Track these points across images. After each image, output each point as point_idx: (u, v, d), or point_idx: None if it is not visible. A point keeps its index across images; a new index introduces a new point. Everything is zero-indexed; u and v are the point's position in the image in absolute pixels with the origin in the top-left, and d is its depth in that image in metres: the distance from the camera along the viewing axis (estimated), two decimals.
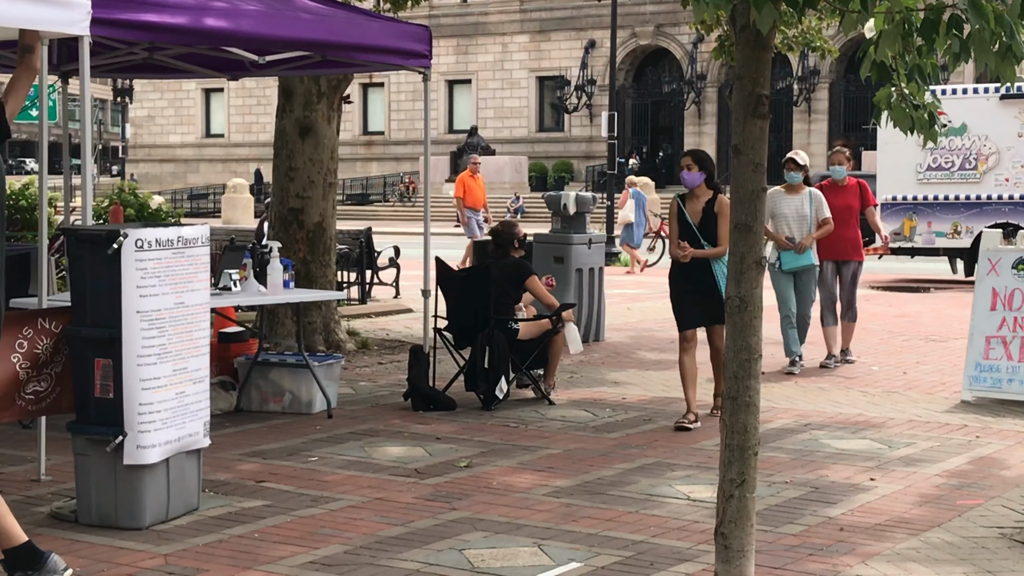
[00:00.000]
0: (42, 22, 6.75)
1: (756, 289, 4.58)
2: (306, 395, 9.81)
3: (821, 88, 53.48)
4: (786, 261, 11.85)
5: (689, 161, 9.38)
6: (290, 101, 12.85)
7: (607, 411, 9.98)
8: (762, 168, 4.54)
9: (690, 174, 9.35)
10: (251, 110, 64.30)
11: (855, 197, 12.60)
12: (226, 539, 6.34)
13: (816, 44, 18.83)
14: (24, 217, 15.68)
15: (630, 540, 6.36)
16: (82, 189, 7.29)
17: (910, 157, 21.81)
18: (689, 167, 9.34)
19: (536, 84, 59.71)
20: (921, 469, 8.05)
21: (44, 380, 6.72)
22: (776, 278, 11.93)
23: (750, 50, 4.44)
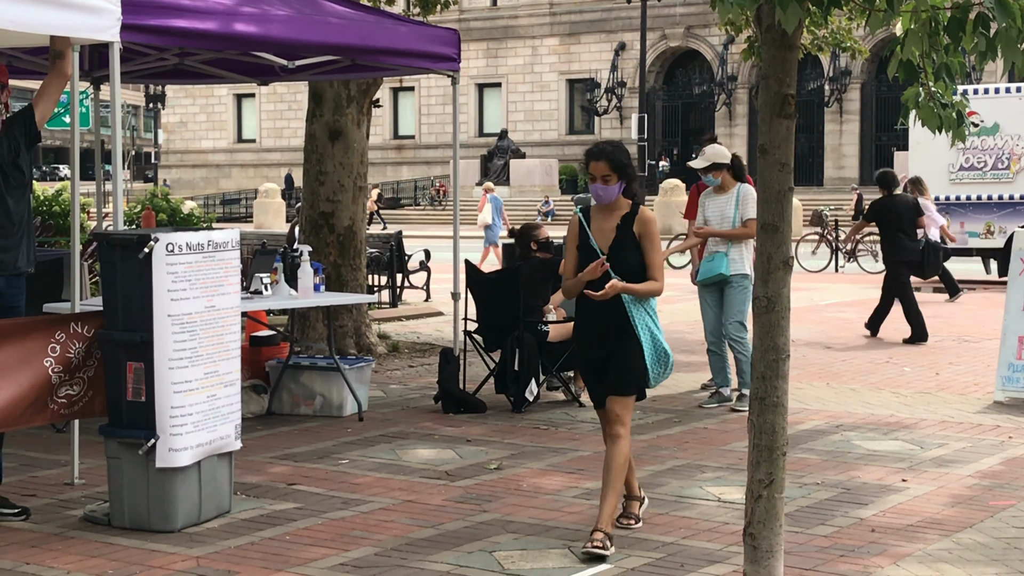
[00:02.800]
0: (72, 28, 6.81)
1: (784, 289, 4.57)
2: (337, 398, 9.85)
3: (852, 88, 53.29)
4: (700, 271, 10.39)
5: (605, 169, 6.45)
6: (320, 106, 12.90)
7: (637, 413, 9.96)
8: (789, 168, 4.54)
9: (606, 188, 6.46)
10: (282, 115, 64.53)
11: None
12: (258, 541, 6.37)
13: (846, 44, 18.77)
14: (57, 223, 15.78)
15: (660, 542, 6.36)
16: (113, 194, 7.33)
17: (942, 157, 21.70)
18: (606, 178, 6.45)
19: (566, 87, 59.72)
20: (953, 470, 8.01)
21: (76, 384, 6.77)
22: (699, 295, 10.53)
23: (776, 50, 4.44)
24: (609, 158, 6.48)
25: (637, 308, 6.42)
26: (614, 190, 6.48)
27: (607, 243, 6.46)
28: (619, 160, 6.49)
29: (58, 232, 15.24)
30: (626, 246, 6.45)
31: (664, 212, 34.49)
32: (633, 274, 6.40)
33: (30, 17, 6.52)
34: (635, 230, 6.47)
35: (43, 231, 14.82)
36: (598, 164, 6.47)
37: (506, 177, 53.97)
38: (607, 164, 6.46)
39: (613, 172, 6.47)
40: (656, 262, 6.44)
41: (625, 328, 6.40)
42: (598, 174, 6.48)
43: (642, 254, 6.44)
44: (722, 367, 10.32)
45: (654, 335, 6.39)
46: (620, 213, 6.51)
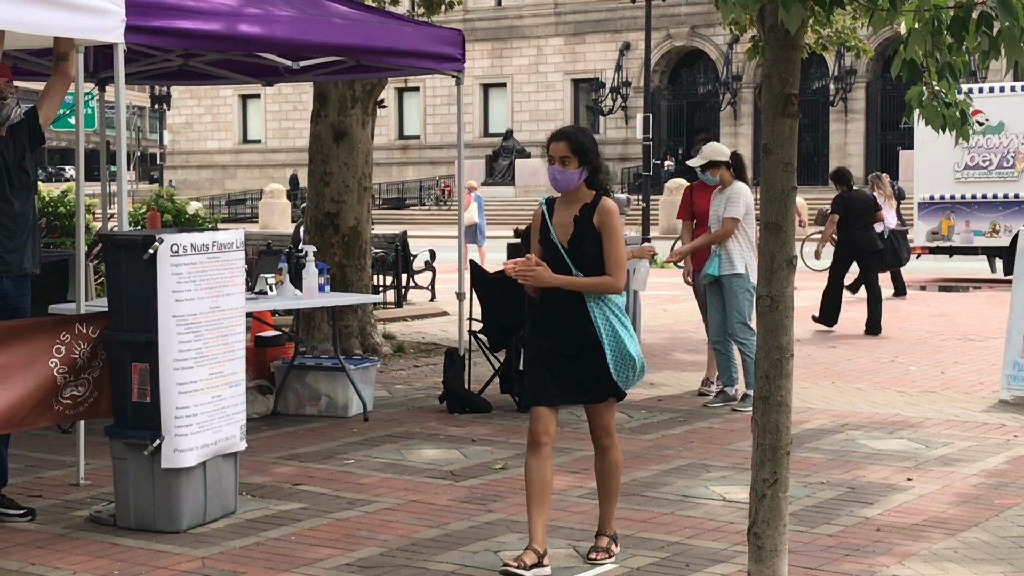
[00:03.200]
0: (76, 29, 6.82)
1: (787, 288, 4.57)
2: (342, 398, 9.85)
3: (858, 88, 53.23)
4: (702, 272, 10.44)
5: (564, 150, 5.93)
6: (325, 106, 12.91)
7: (642, 413, 9.97)
8: (792, 167, 4.54)
9: (563, 172, 5.95)
10: (287, 116, 64.55)
11: None
12: (263, 542, 6.38)
13: (851, 44, 18.75)
14: (63, 224, 15.80)
15: (665, 541, 6.36)
16: (118, 195, 7.35)
17: (947, 156, 21.69)
18: (564, 160, 5.94)
19: (571, 87, 59.70)
20: (959, 469, 8.00)
21: (82, 384, 6.78)
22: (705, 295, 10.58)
23: (779, 49, 4.44)
24: (570, 139, 5.94)
25: (600, 308, 5.90)
26: (573, 176, 5.93)
27: (566, 236, 5.94)
28: (581, 142, 5.94)
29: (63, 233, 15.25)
30: (585, 239, 5.91)
31: (670, 212, 34.47)
32: (595, 270, 5.90)
33: (34, 19, 6.53)
34: (595, 221, 5.92)
35: (48, 232, 14.83)
36: (557, 145, 5.94)
37: (511, 177, 53.97)
38: (567, 145, 5.92)
39: (573, 155, 5.92)
40: (613, 256, 5.88)
41: (587, 330, 5.88)
42: (556, 155, 5.93)
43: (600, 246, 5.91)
44: (727, 366, 10.31)
45: (618, 338, 5.85)
46: (581, 204, 5.98)
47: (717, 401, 10.25)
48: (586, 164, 5.94)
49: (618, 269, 5.90)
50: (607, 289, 5.88)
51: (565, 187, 5.97)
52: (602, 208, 5.93)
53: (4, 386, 6.43)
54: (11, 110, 6.84)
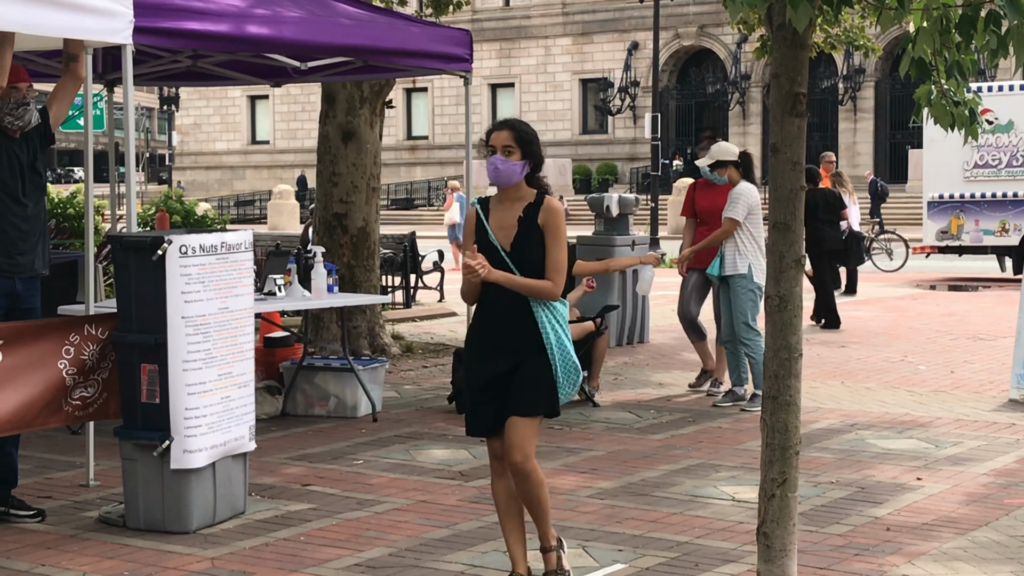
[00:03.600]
0: (85, 31, 6.83)
1: (796, 288, 4.56)
2: (351, 399, 9.86)
3: (867, 87, 53.18)
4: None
5: (507, 139, 5.49)
6: (333, 107, 12.92)
7: (651, 413, 9.97)
8: (800, 166, 4.53)
9: (505, 162, 5.49)
10: (296, 116, 64.61)
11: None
12: (272, 542, 6.39)
13: (860, 43, 18.74)
14: (72, 225, 15.82)
15: (675, 541, 6.36)
16: (127, 196, 7.36)
17: (956, 155, 21.64)
18: (507, 150, 5.49)
19: (579, 86, 59.68)
20: (968, 468, 7.99)
21: (91, 386, 6.79)
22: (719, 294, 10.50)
23: (787, 48, 4.44)
24: (513, 128, 5.53)
25: (546, 314, 5.49)
26: (516, 168, 5.47)
27: (508, 239, 5.48)
28: (525, 133, 5.52)
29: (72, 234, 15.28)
30: (529, 241, 5.47)
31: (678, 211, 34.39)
32: (539, 274, 5.47)
33: (43, 20, 6.54)
34: (540, 222, 5.49)
35: (57, 233, 14.86)
36: (499, 133, 5.50)
37: None
38: (510, 134, 5.49)
39: (516, 145, 5.48)
40: (556, 260, 5.46)
41: (533, 338, 5.46)
42: (498, 144, 5.48)
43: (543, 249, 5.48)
44: (736, 365, 10.30)
45: (564, 346, 5.49)
46: (523, 203, 5.52)
47: (726, 400, 10.25)
48: (529, 157, 5.51)
49: (559, 274, 5.47)
50: (546, 294, 5.45)
51: (506, 180, 5.50)
52: (548, 208, 5.50)
53: (14, 387, 6.45)
54: (31, 115, 6.86)
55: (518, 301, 5.46)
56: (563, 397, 5.55)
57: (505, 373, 5.48)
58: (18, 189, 6.85)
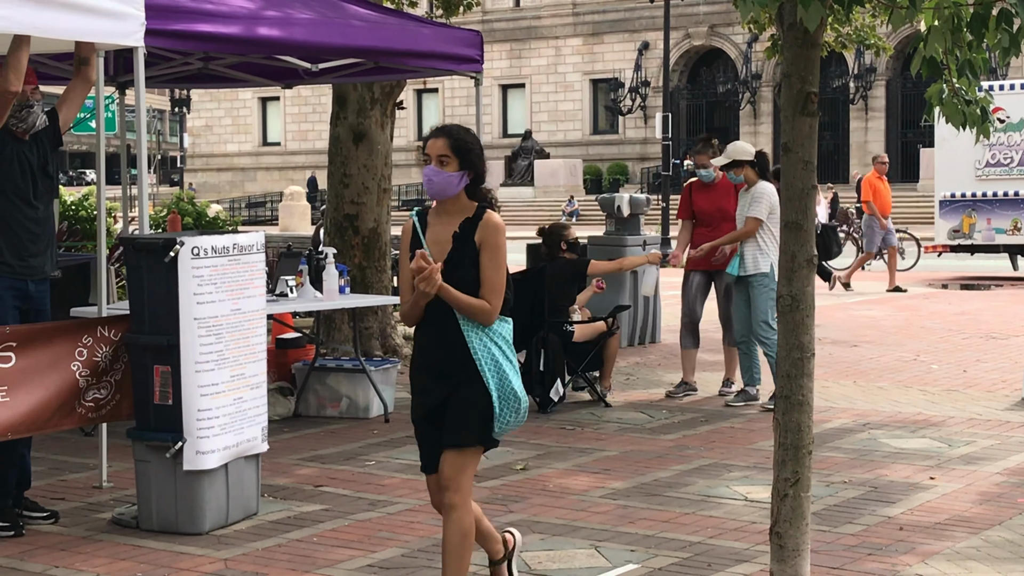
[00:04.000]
0: (97, 34, 6.85)
1: (808, 287, 4.56)
2: (363, 400, 9.87)
3: (878, 86, 53.10)
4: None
5: (442, 148, 5.05)
6: (344, 108, 12.93)
7: (663, 413, 9.96)
8: (812, 166, 4.52)
9: (439, 173, 5.05)
10: (307, 118, 64.69)
11: (728, 197, 10.63)
12: (285, 543, 6.39)
13: (871, 42, 18.73)
14: (84, 227, 15.86)
15: (687, 541, 6.36)
16: (138, 199, 7.37)
17: (968, 153, 21.60)
18: (442, 159, 5.04)
19: (590, 87, 59.67)
20: (981, 467, 7.97)
21: (104, 387, 6.81)
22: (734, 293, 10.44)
23: (798, 48, 4.43)
24: (450, 136, 5.06)
25: (480, 338, 5.02)
26: (452, 180, 5.01)
27: (442, 256, 5.02)
28: (463, 141, 5.05)
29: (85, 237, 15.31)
30: (464, 260, 5.01)
31: None
32: (471, 291, 5.02)
33: (55, 23, 6.56)
34: (476, 239, 5.02)
35: (70, 235, 14.90)
36: (435, 142, 5.05)
37: (530, 178, 53.98)
38: (446, 142, 5.03)
39: (453, 154, 5.02)
40: (491, 281, 4.99)
41: (466, 363, 5.01)
42: (433, 154, 5.03)
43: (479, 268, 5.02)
44: (749, 365, 10.28)
45: (503, 373, 5.03)
46: (461, 218, 5.08)
47: (738, 400, 10.24)
48: (468, 168, 5.05)
49: (495, 296, 5.02)
50: (480, 315, 4.98)
51: (441, 192, 5.05)
52: (486, 223, 5.04)
53: (27, 389, 6.46)
54: (36, 117, 6.87)
55: (449, 323, 5.00)
56: (502, 427, 5.05)
57: (440, 403, 5.06)
58: (29, 191, 6.87)
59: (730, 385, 10.73)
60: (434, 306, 5.01)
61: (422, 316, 5.07)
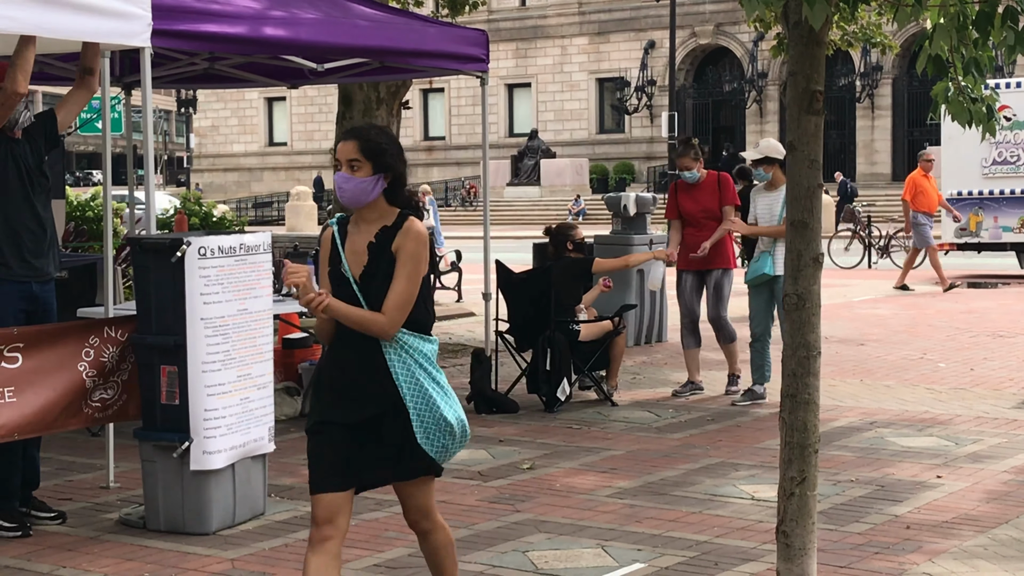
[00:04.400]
0: (103, 34, 6.85)
1: (814, 286, 4.56)
2: None
3: (884, 84, 53.05)
4: (748, 271, 10.32)
5: (352, 152, 4.62)
6: (350, 108, 12.95)
7: (670, 412, 9.96)
8: (818, 164, 4.52)
9: (349, 180, 4.61)
10: (313, 118, 64.73)
11: (712, 197, 10.61)
12: (292, 543, 6.40)
13: (876, 40, 18.72)
14: (90, 228, 15.87)
15: (694, 540, 6.35)
16: (145, 199, 7.38)
17: (974, 152, 21.56)
18: (353, 164, 4.62)
19: (596, 86, 59.67)
20: (988, 466, 7.97)
21: (110, 387, 6.81)
22: (749, 294, 10.37)
23: (803, 46, 4.43)
24: (360, 137, 4.63)
25: (400, 358, 4.57)
26: (365, 185, 4.58)
27: (359, 267, 4.61)
28: (374, 142, 4.62)
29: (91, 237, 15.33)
30: (380, 272, 4.58)
31: None
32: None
33: (61, 24, 6.56)
34: (393, 248, 4.58)
35: (76, 236, 14.91)
36: (344, 145, 4.63)
37: (536, 177, 53.98)
38: (356, 145, 4.60)
39: (364, 158, 4.59)
40: (397, 292, 4.53)
41: (384, 387, 4.57)
42: (343, 159, 4.62)
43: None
44: (760, 364, 10.21)
45: (427, 397, 4.58)
46: (380, 225, 4.64)
47: (745, 400, 10.21)
48: (383, 170, 4.61)
49: (397, 310, 4.53)
50: (374, 330, 4.53)
51: (354, 199, 4.60)
52: (405, 231, 4.59)
53: (34, 390, 6.47)
54: (19, 114, 6.82)
55: (366, 346, 4.57)
56: (438, 453, 4.64)
57: (354, 425, 4.58)
58: (27, 190, 6.82)
59: (736, 381, 10.68)
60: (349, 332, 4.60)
61: (335, 331, 4.64)
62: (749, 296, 10.33)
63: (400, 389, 4.57)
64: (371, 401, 4.58)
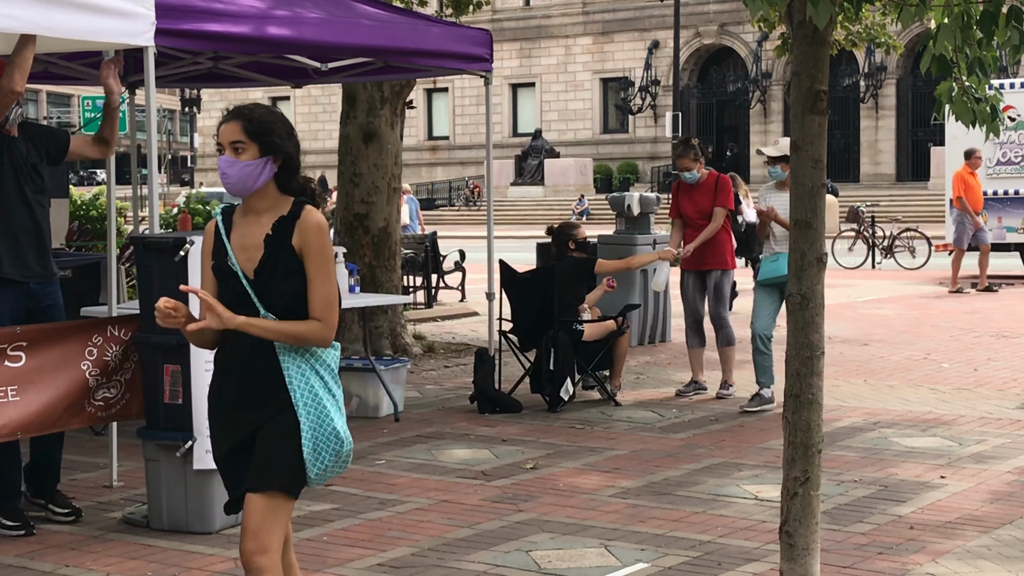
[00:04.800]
0: (107, 33, 6.85)
1: (818, 286, 4.55)
2: (373, 399, 9.87)
3: (888, 84, 53.03)
4: (762, 270, 10.05)
5: (235, 133, 4.19)
6: (354, 108, 12.94)
7: (673, 412, 9.95)
8: (821, 164, 4.52)
9: (233, 164, 4.18)
10: (317, 117, 64.77)
11: (709, 198, 10.58)
12: (295, 542, 6.37)
13: (881, 40, 18.70)
14: (94, 227, 15.88)
15: (697, 540, 6.35)
16: (149, 198, 7.38)
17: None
18: (237, 147, 4.18)
19: (600, 86, 59.66)
20: (992, 466, 7.96)
21: (114, 387, 6.82)
22: (755, 292, 10.17)
23: (807, 46, 4.43)
24: (243, 117, 4.19)
25: (298, 365, 4.16)
26: (251, 170, 4.14)
27: (252, 264, 4.16)
28: (260, 122, 4.18)
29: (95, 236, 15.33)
30: (278, 269, 4.14)
31: None
32: (295, 312, 4.15)
33: (64, 23, 6.56)
34: (294, 243, 4.14)
35: (80, 235, 14.92)
36: (226, 127, 4.20)
37: (540, 177, 53.99)
38: (238, 126, 4.17)
39: (250, 140, 4.15)
40: (322, 294, 4.14)
41: (277, 393, 4.15)
42: (225, 141, 4.17)
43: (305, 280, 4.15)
44: (767, 367, 9.96)
45: (321, 408, 4.17)
46: (275, 217, 4.19)
47: (754, 404, 9.92)
48: (271, 152, 4.17)
49: (329, 310, 4.16)
50: (312, 339, 4.13)
51: (240, 187, 4.17)
52: (304, 223, 4.14)
53: (37, 389, 6.48)
54: (10, 111, 6.80)
55: (259, 344, 4.13)
56: (320, 473, 4.18)
57: (248, 440, 4.19)
58: (22, 189, 6.79)
59: (728, 387, 10.57)
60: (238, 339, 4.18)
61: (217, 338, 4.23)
62: (756, 295, 10.16)
63: (293, 396, 4.14)
64: (263, 408, 4.16)
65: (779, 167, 9.94)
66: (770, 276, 9.84)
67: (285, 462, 4.13)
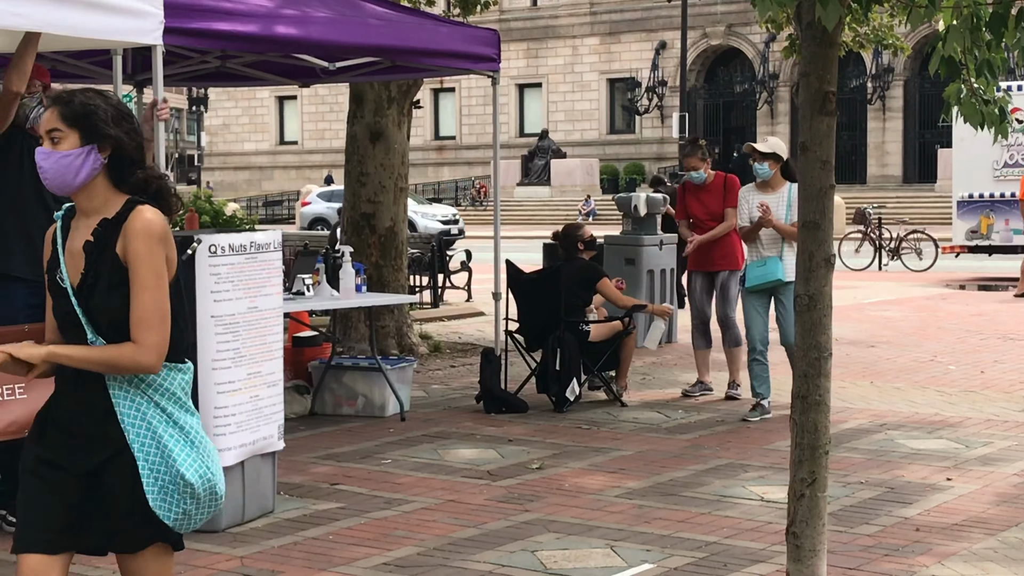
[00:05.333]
0: (115, 32, 6.86)
1: (825, 287, 4.55)
2: (379, 398, 9.88)
3: (895, 86, 52.99)
4: (750, 276, 9.72)
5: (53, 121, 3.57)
6: (361, 107, 12.95)
7: (679, 412, 9.95)
8: (830, 165, 4.51)
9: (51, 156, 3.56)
10: (324, 117, 64.80)
11: (717, 200, 10.54)
12: (301, 541, 6.40)
13: (889, 41, 18.69)
14: None
15: (703, 541, 6.35)
16: None
17: (986, 154, 21.54)
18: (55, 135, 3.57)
19: (607, 86, 59.66)
20: (999, 468, 7.95)
21: None
22: (745, 300, 9.84)
23: (816, 47, 4.42)
24: (62, 102, 3.56)
25: (128, 397, 3.56)
26: (71, 161, 3.52)
27: (78, 273, 3.58)
28: (81, 105, 3.55)
29: None
30: (100, 282, 3.54)
31: None
32: (124, 333, 3.51)
33: (73, 21, 6.57)
34: (118, 250, 3.53)
35: None
36: (45, 115, 3.61)
37: (547, 177, 53.99)
38: (56, 112, 3.55)
39: (68, 127, 3.55)
40: (141, 308, 3.50)
41: (109, 431, 3.56)
42: (44, 131, 3.58)
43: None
44: (765, 377, 9.79)
45: (162, 448, 3.55)
46: (100, 216, 3.59)
47: (755, 415, 9.64)
48: (95, 140, 3.54)
49: (149, 330, 3.50)
50: (125, 365, 3.50)
51: (58, 182, 3.56)
52: (129, 226, 3.52)
53: (44, 386, 6.45)
54: (30, 110, 6.82)
55: (85, 377, 3.57)
56: (176, 520, 3.60)
57: (80, 474, 3.57)
58: (40, 188, 6.79)
59: (736, 387, 10.53)
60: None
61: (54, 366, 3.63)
62: (745, 302, 9.83)
63: (127, 436, 3.53)
64: (92, 448, 3.56)
65: (767, 164, 9.72)
66: (758, 282, 9.65)
67: (139, 515, 3.57)
